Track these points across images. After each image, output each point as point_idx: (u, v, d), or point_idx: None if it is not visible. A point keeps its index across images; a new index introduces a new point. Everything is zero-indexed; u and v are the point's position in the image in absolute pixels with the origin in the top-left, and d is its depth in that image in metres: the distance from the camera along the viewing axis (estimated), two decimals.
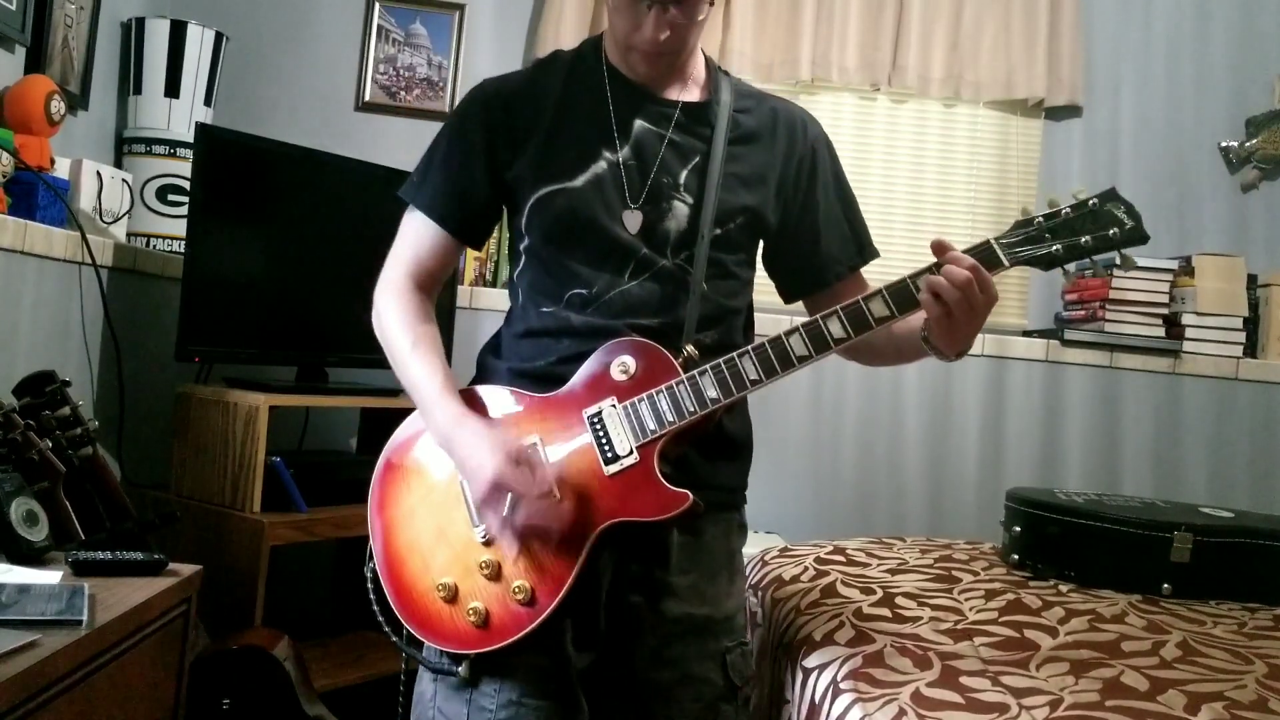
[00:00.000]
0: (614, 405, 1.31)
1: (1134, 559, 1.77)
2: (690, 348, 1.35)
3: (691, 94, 1.45)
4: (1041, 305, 3.07)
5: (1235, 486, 2.91)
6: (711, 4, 1.38)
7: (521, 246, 1.45)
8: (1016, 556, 1.89)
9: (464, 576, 1.31)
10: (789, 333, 1.30)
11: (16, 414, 1.64)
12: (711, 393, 1.29)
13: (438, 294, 1.50)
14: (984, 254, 1.28)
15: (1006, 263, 1.29)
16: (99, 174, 2.29)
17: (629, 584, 1.37)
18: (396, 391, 2.61)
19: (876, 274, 3.16)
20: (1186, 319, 2.88)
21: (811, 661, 1.44)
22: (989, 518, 2.35)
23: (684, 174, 1.41)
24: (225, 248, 2.29)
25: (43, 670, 1.14)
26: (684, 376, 1.30)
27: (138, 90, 2.64)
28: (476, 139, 1.43)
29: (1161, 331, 2.89)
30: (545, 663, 1.31)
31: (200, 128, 2.27)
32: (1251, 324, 2.92)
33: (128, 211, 2.42)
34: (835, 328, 1.29)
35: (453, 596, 1.31)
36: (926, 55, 2.96)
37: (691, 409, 1.29)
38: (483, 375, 1.47)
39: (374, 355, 2.75)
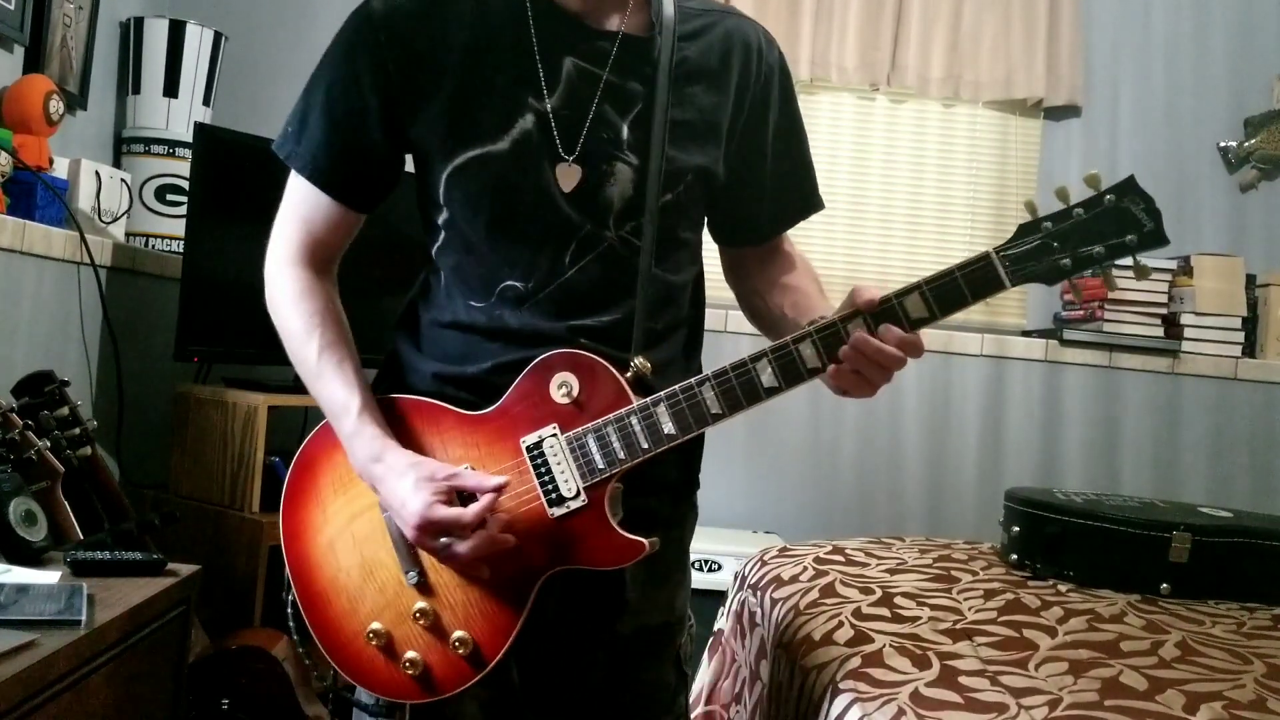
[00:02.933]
0: (556, 435, 1.13)
1: (1133, 559, 1.77)
2: (639, 360, 1.15)
3: (631, 24, 1.20)
4: (1040, 305, 3.07)
5: (1234, 486, 2.91)
6: None
7: (439, 220, 1.22)
8: (1015, 556, 1.89)
9: (396, 624, 1.17)
10: (757, 357, 1.11)
11: (15, 414, 1.63)
12: (668, 428, 1.10)
13: (337, 267, 1.29)
14: (983, 272, 1.06)
15: (1009, 284, 1.07)
16: (98, 174, 2.29)
17: (575, 605, 1.22)
18: None
19: (874, 270, 3.15)
20: (1185, 319, 2.88)
21: (811, 661, 1.44)
22: (988, 518, 2.35)
23: (625, 127, 1.17)
24: (224, 248, 2.28)
25: (42, 670, 1.14)
26: (636, 406, 1.11)
27: (136, 90, 2.64)
28: (366, 81, 1.19)
29: (1160, 331, 2.90)
30: (489, 695, 1.20)
31: (199, 127, 2.27)
32: (1250, 324, 2.92)
33: (126, 211, 2.42)
34: (808, 353, 1.11)
35: (386, 645, 1.17)
36: (926, 55, 2.96)
37: (645, 446, 1.11)
38: (398, 369, 1.26)
39: (373, 355, 2.76)
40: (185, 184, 2.50)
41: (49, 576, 1.43)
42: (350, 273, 1.37)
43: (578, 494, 1.12)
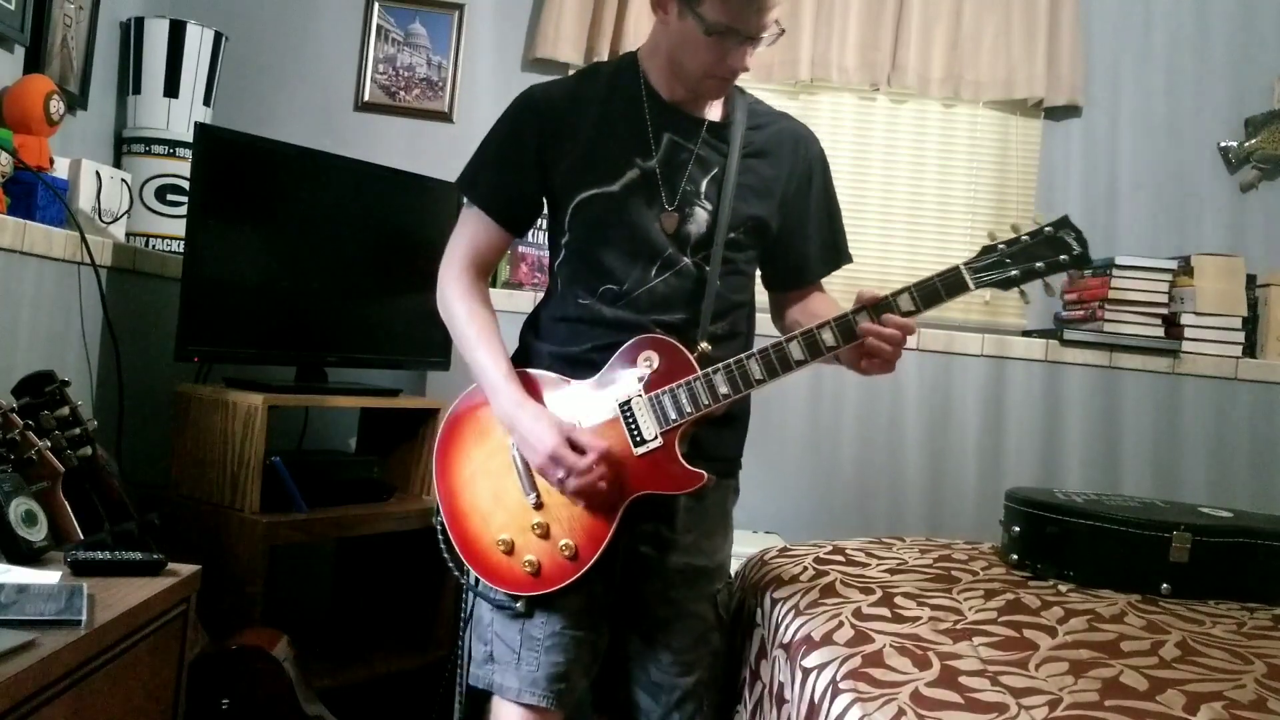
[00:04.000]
0: (640, 395, 1.57)
1: (1133, 559, 1.77)
2: (705, 344, 1.59)
3: (714, 113, 1.68)
4: (1041, 305, 3.06)
5: (1234, 486, 2.91)
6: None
7: (562, 241, 1.68)
8: (1016, 556, 1.89)
9: (519, 534, 1.59)
10: (788, 339, 1.54)
11: (15, 414, 1.63)
12: (723, 389, 1.54)
13: (491, 274, 1.76)
14: (953, 278, 1.52)
15: (973, 286, 1.52)
16: (98, 174, 2.29)
17: (642, 538, 1.65)
18: (396, 392, 2.62)
19: (874, 269, 3.15)
20: (1186, 319, 2.88)
21: (811, 661, 1.44)
22: (988, 517, 2.35)
23: (705, 183, 1.64)
24: (224, 248, 2.28)
25: (42, 670, 1.14)
26: (700, 374, 1.55)
27: (137, 90, 2.64)
28: (528, 143, 1.65)
29: (1161, 331, 2.89)
30: (581, 602, 1.60)
31: (199, 127, 2.27)
32: (1251, 324, 2.92)
33: (127, 211, 2.42)
34: (828, 336, 1.54)
35: (510, 550, 1.59)
36: (926, 55, 2.96)
37: (706, 402, 1.54)
38: (525, 352, 1.72)
39: (373, 355, 2.76)
40: (185, 184, 2.51)
41: (49, 576, 1.43)
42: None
43: (655, 437, 1.55)
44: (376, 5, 2.98)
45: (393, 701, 2.53)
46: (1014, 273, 1.53)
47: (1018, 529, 1.89)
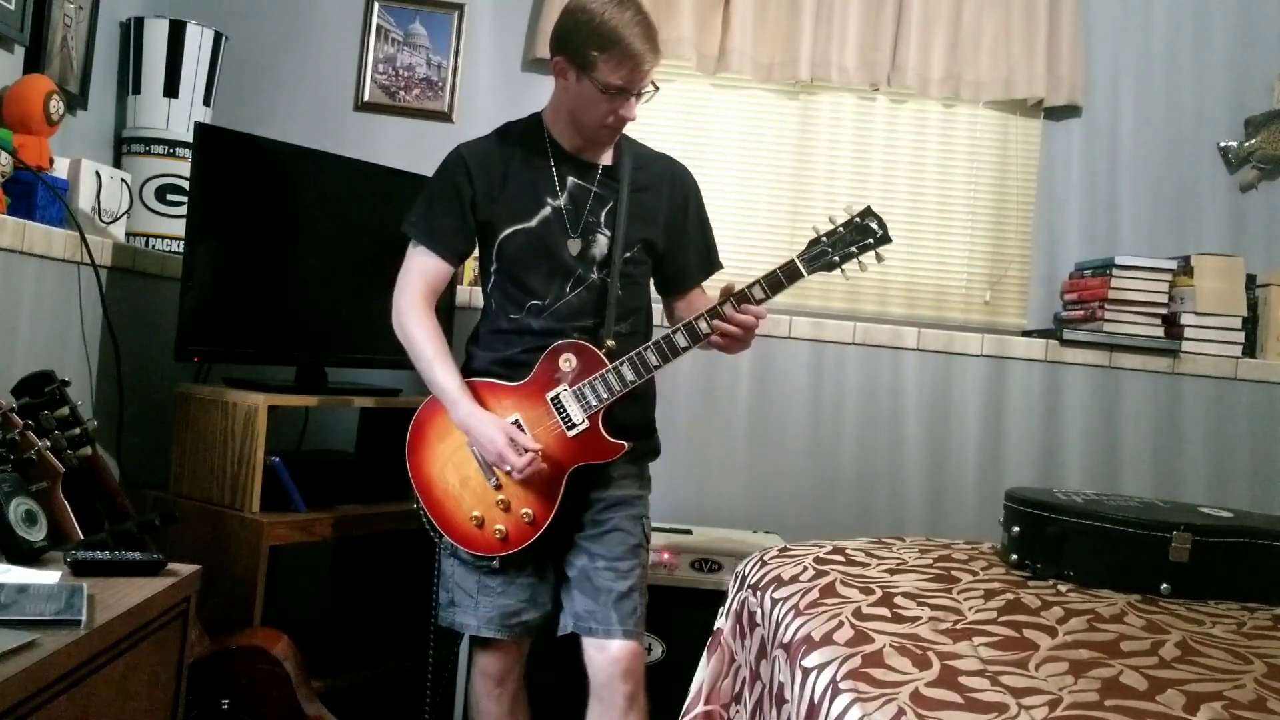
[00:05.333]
0: (566, 389, 1.96)
1: (1133, 559, 1.77)
2: (610, 341, 1.99)
3: (606, 158, 2.08)
4: (1041, 305, 3.07)
5: (1235, 486, 2.91)
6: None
7: (491, 269, 2.07)
8: (1016, 556, 1.89)
9: (486, 510, 1.99)
10: (674, 330, 1.95)
11: (15, 414, 1.63)
12: (630, 376, 1.95)
13: (437, 299, 2.08)
14: (790, 268, 1.94)
15: (805, 273, 1.94)
16: (98, 174, 2.29)
17: (580, 484, 2.02)
18: (396, 392, 2.62)
19: (874, 269, 3.13)
20: (1185, 319, 2.88)
21: (811, 661, 1.44)
22: (988, 518, 2.35)
23: (603, 214, 2.05)
24: (224, 247, 2.29)
25: (42, 670, 1.14)
26: (610, 366, 1.95)
27: (136, 90, 2.64)
28: (463, 192, 2.02)
29: (1160, 331, 2.90)
30: (526, 554, 2.00)
31: (199, 127, 2.27)
32: (1250, 324, 2.92)
33: (127, 211, 2.42)
34: (703, 325, 1.93)
35: (481, 524, 1.98)
36: (926, 55, 2.96)
37: (618, 388, 1.95)
38: (470, 361, 2.09)
39: (373, 355, 2.76)
40: (185, 184, 2.50)
41: (49, 576, 1.43)
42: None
43: (583, 420, 1.96)
44: (376, 5, 2.98)
45: (393, 701, 2.53)
46: (835, 258, 1.95)
47: (1017, 529, 1.89)
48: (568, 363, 1.96)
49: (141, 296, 2.44)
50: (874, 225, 1.97)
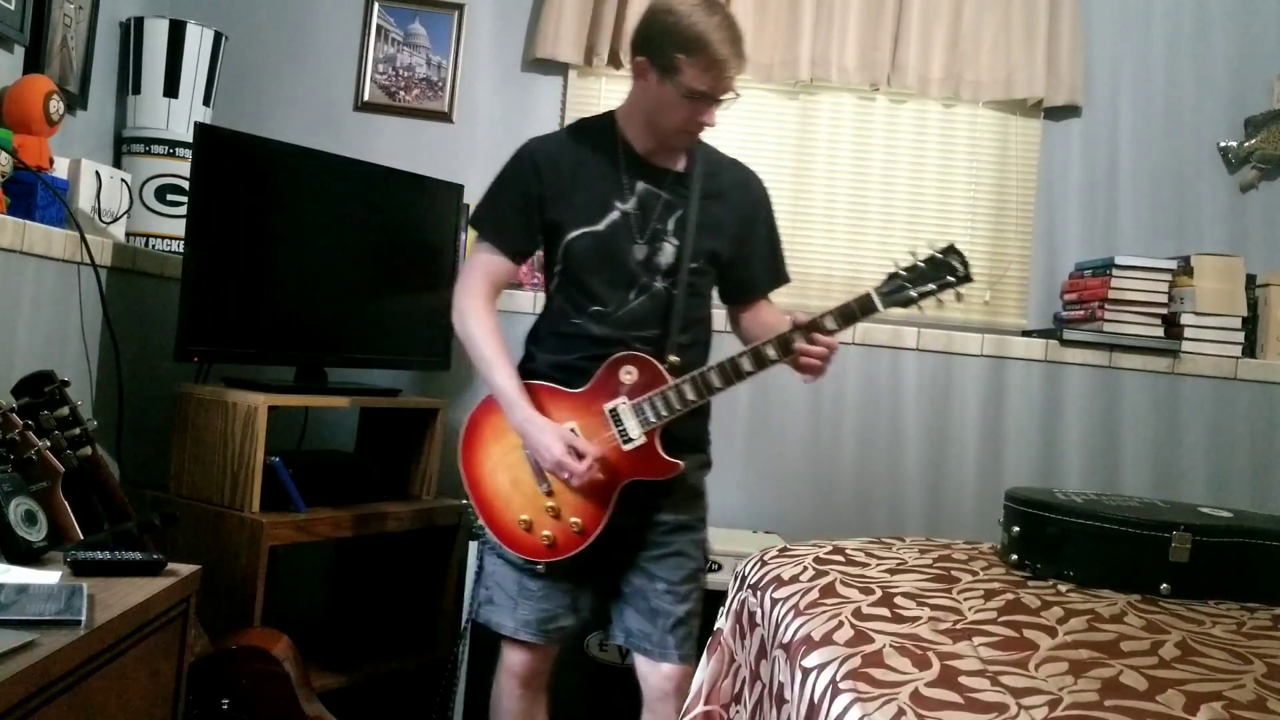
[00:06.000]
0: (625, 402, 1.92)
1: (1133, 559, 1.77)
2: (674, 357, 1.94)
3: (679, 164, 2.02)
4: (1040, 305, 3.07)
5: (1235, 486, 2.91)
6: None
7: (556, 269, 2.02)
8: (1015, 556, 1.89)
9: (536, 515, 1.96)
10: (740, 354, 1.89)
11: (15, 414, 1.63)
12: (690, 395, 1.90)
13: (498, 296, 2.06)
14: (865, 302, 1.88)
15: (881, 308, 1.88)
16: (98, 174, 2.29)
17: (640, 506, 1.98)
18: (395, 392, 2.62)
19: (875, 269, 3.17)
20: (1185, 319, 2.88)
21: (810, 661, 1.44)
22: (988, 518, 2.35)
23: (671, 222, 1.99)
24: (224, 248, 2.29)
25: (41, 670, 1.14)
26: (672, 384, 1.90)
27: (136, 90, 2.64)
28: (530, 189, 1.97)
29: (1160, 331, 2.89)
30: (568, 562, 1.97)
31: (199, 127, 2.27)
32: (1250, 324, 2.91)
33: (127, 211, 2.42)
34: (770, 351, 1.89)
35: (529, 528, 1.96)
36: (926, 55, 2.96)
37: (678, 407, 1.90)
38: (529, 359, 2.06)
39: (373, 355, 2.76)
40: (185, 184, 2.51)
41: (49, 576, 1.43)
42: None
43: (639, 436, 1.91)
44: (376, 5, 2.98)
45: (393, 701, 2.53)
46: (913, 293, 1.88)
47: (1017, 529, 1.89)
48: (629, 375, 1.92)
49: (141, 296, 2.44)
50: (956, 263, 1.88)
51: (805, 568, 1.86)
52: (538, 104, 3.02)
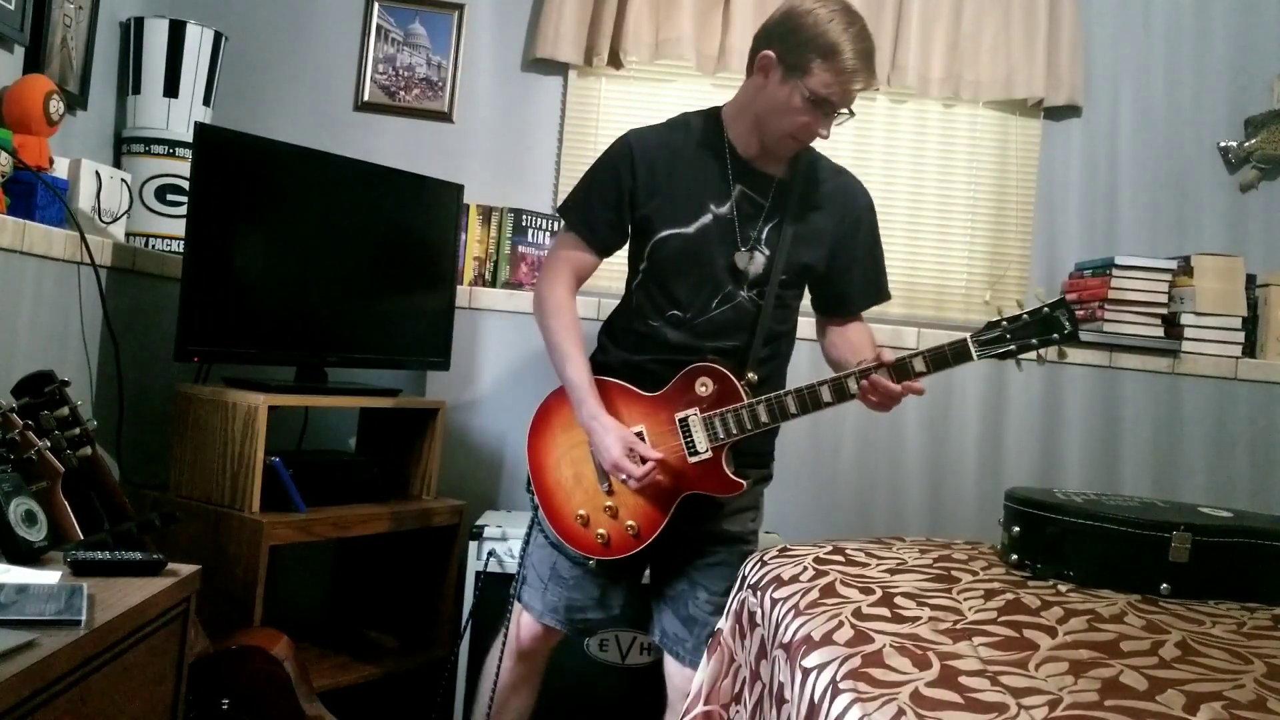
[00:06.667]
0: (696, 414, 1.89)
1: (1133, 559, 1.77)
2: (752, 375, 1.90)
3: (781, 170, 1.96)
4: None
5: (1235, 486, 2.91)
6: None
7: (640, 267, 1.98)
8: (1015, 556, 1.89)
9: (594, 511, 1.95)
10: (820, 383, 1.84)
11: (15, 414, 1.63)
12: (764, 418, 1.86)
13: (580, 287, 2.03)
14: (960, 348, 1.79)
15: (976, 358, 1.79)
16: (98, 174, 2.29)
17: (696, 517, 1.96)
18: (395, 392, 2.62)
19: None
20: (1185, 319, 2.88)
21: (810, 661, 1.44)
22: (988, 518, 2.35)
23: (766, 231, 1.93)
24: (224, 248, 2.29)
25: (41, 670, 1.14)
26: (746, 403, 1.86)
27: (136, 90, 2.64)
28: (624, 183, 1.93)
29: (1160, 331, 2.89)
30: (609, 560, 1.97)
31: (199, 127, 2.27)
32: (1250, 324, 2.92)
33: (127, 211, 2.42)
34: (851, 385, 1.83)
35: (586, 523, 1.96)
36: (926, 55, 2.96)
37: (749, 427, 1.86)
38: (602, 351, 2.04)
39: (373, 355, 2.76)
40: (185, 184, 2.51)
41: (49, 576, 1.43)
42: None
43: (706, 450, 1.88)
44: (376, 5, 2.98)
45: (393, 701, 2.53)
46: (1011, 347, 1.79)
47: (1017, 529, 1.89)
48: (704, 386, 1.88)
49: (141, 296, 2.44)
50: (1064, 319, 1.77)
51: (805, 568, 1.86)
52: (538, 104, 3.02)
